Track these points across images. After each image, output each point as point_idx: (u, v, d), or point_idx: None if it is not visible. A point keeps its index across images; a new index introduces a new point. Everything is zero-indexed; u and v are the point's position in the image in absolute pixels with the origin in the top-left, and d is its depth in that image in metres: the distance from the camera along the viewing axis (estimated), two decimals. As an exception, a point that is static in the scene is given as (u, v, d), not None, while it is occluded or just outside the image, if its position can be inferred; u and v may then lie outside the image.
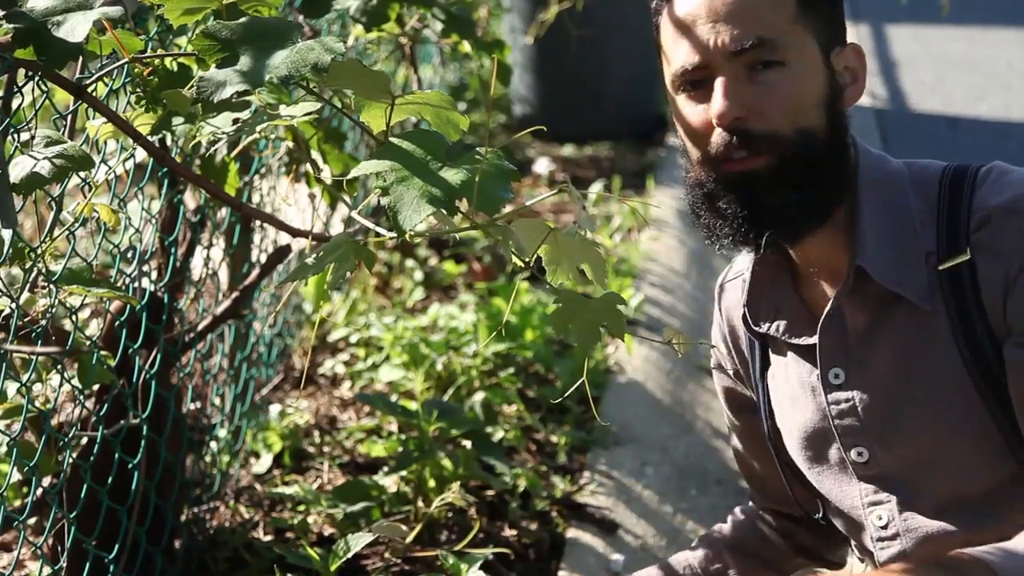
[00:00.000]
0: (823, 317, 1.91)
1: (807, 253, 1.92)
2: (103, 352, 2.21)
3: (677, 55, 1.85)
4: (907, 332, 1.87)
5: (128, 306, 2.35)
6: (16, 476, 2.18)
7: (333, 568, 2.48)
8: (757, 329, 2.00)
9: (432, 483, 2.89)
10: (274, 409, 3.28)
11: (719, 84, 1.82)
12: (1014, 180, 1.84)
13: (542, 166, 5.28)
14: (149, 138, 1.74)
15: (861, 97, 1.93)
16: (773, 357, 2.03)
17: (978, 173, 1.87)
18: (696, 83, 1.84)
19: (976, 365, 1.83)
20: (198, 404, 2.92)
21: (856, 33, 7.55)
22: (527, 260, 1.54)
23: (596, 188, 4.94)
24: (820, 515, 2.08)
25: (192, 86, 1.55)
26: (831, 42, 1.86)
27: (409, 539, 2.71)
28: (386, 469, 2.98)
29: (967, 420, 1.84)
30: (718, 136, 1.83)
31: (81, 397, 2.24)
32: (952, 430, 1.86)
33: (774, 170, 1.82)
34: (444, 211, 1.45)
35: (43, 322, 2.01)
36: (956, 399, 1.84)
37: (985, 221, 1.82)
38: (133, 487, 2.45)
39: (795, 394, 1.99)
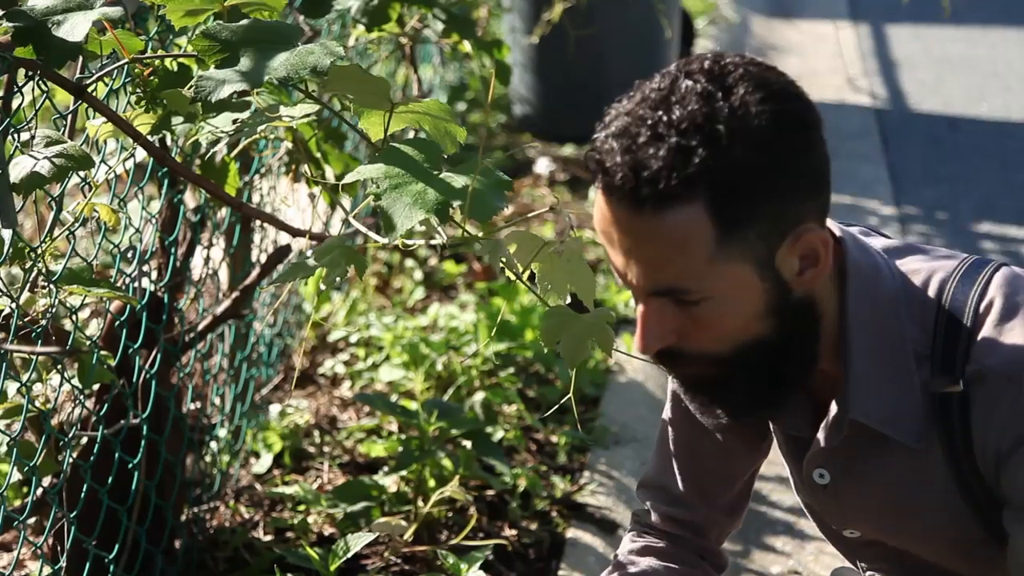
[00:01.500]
0: (810, 452, 1.81)
1: None
2: (103, 352, 2.21)
3: (610, 258, 1.67)
4: (899, 465, 1.78)
5: (128, 306, 2.35)
6: (16, 476, 2.18)
7: (333, 568, 2.48)
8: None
9: (432, 483, 2.89)
10: (274, 409, 3.28)
11: (639, 315, 1.65)
12: (1017, 328, 1.68)
13: (542, 166, 5.28)
14: (149, 138, 1.74)
15: (825, 275, 1.68)
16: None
17: (981, 302, 1.71)
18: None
19: (966, 493, 1.75)
20: (198, 404, 2.92)
21: (856, 33, 7.56)
22: (519, 273, 1.54)
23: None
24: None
25: (192, 85, 1.56)
26: (776, 242, 1.62)
27: (408, 536, 2.71)
28: (386, 469, 2.98)
29: (958, 531, 1.79)
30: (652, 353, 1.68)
31: (81, 397, 2.24)
32: (942, 537, 1.81)
33: (720, 377, 1.69)
34: (437, 219, 1.45)
35: (43, 322, 2.01)
36: (947, 517, 1.78)
37: (980, 379, 1.69)
38: (133, 487, 2.45)
39: (785, 461, 1.93)
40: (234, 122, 1.66)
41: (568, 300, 1.61)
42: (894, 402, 1.73)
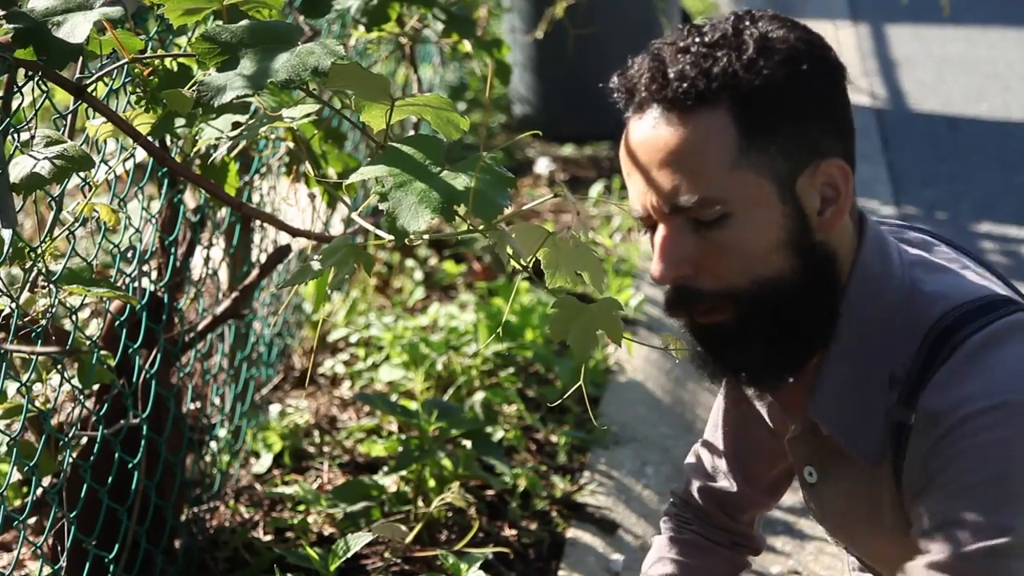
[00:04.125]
0: (788, 436, 1.82)
1: None
2: (103, 352, 2.21)
3: (629, 193, 1.69)
4: (858, 477, 1.76)
5: (128, 306, 2.35)
6: (16, 476, 2.18)
7: (333, 568, 2.48)
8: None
9: (432, 483, 2.89)
10: (274, 409, 3.28)
11: (657, 240, 1.65)
12: (972, 374, 1.61)
13: (542, 166, 5.28)
14: (149, 138, 1.74)
15: (845, 216, 1.67)
16: None
17: (967, 340, 1.63)
18: (650, 226, 1.68)
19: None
20: (198, 404, 2.92)
21: (856, 33, 7.55)
22: (525, 264, 1.54)
23: (597, 188, 4.94)
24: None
25: (192, 85, 1.55)
26: (798, 166, 1.63)
27: (409, 539, 2.71)
28: (386, 469, 2.98)
29: (908, 556, 1.72)
30: (668, 291, 1.67)
31: (81, 397, 2.24)
32: (898, 559, 1.74)
33: (739, 324, 1.65)
34: (442, 217, 1.45)
35: (43, 322, 2.01)
36: (897, 540, 1.74)
37: (919, 415, 1.64)
38: (133, 487, 2.45)
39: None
40: (235, 125, 1.66)
41: (576, 285, 1.61)
42: (854, 417, 1.70)
